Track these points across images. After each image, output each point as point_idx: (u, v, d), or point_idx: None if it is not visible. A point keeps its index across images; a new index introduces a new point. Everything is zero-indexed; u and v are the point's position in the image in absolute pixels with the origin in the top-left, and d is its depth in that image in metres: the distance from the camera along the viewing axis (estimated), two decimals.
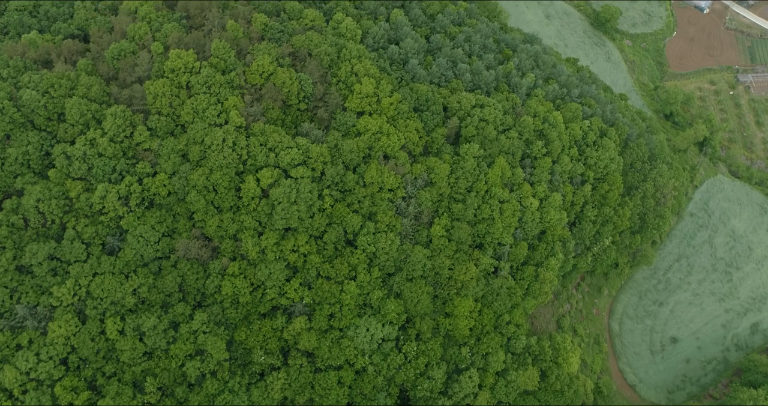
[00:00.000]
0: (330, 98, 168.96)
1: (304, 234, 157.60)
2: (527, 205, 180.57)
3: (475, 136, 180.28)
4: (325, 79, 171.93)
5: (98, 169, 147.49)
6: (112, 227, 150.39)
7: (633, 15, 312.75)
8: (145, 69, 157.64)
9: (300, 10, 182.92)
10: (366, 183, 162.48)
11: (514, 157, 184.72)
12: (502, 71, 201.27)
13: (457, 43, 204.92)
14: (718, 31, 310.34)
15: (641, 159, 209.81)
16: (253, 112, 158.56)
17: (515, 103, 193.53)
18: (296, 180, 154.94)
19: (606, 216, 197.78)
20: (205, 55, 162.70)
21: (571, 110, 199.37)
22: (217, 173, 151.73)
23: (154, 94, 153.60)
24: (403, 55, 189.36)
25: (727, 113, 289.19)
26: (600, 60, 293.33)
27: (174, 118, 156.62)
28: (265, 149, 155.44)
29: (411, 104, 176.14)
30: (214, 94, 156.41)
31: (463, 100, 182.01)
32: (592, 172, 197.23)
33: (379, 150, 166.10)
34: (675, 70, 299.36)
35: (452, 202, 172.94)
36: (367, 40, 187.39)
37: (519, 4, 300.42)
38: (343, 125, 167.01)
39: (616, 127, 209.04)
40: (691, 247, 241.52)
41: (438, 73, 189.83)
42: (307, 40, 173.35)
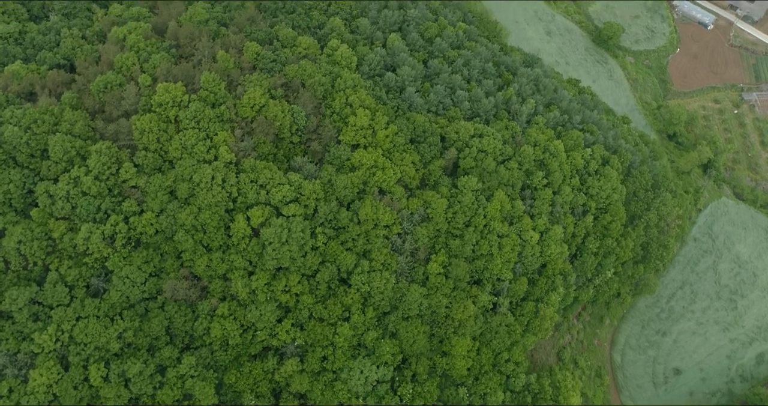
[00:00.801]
0: (324, 131, 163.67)
1: (296, 274, 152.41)
2: (527, 238, 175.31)
3: (473, 168, 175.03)
4: (318, 110, 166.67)
5: (82, 209, 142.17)
6: (96, 268, 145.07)
7: (636, 31, 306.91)
8: (132, 102, 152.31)
9: (294, 38, 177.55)
10: (360, 220, 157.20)
11: (514, 188, 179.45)
12: (502, 98, 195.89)
13: (456, 68, 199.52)
14: (722, 48, 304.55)
15: (644, 187, 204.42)
16: (244, 147, 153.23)
17: (515, 131, 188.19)
18: (288, 219, 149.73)
19: (608, 248, 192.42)
20: (195, 88, 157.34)
21: (572, 138, 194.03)
22: (205, 212, 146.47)
23: (140, 130, 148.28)
24: (399, 82, 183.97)
25: (732, 133, 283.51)
26: (602, 78, 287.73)
27: (162, 153, 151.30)
28: (255, 186, 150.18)
29: (407, 136, 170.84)
30: (203, 129, 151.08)
31: (461, 130, 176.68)
32: (594, 203, 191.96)
33: (374, 185, 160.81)
34: (678, 88, 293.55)
35: (450, 237, 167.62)
36: (362, 68, 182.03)
37: (520, 21, 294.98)
38: (337, 159, 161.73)
39: (618, 155, 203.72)
40: (695, 273, 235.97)
41: (436, 101, 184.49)
42: (300, 69, 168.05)
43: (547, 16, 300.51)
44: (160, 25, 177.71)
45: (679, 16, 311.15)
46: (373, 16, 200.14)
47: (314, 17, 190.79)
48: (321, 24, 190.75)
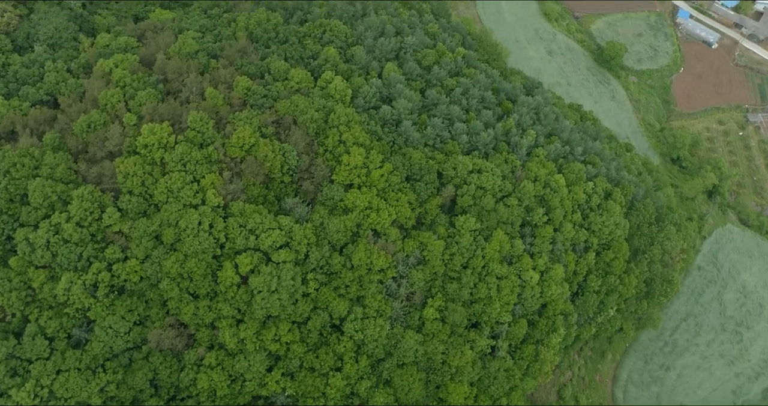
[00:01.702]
0: (316, 170, 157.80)
1: (286, 322, 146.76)
2: (527, 279, 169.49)
3: (471, 206, 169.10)
4: (311, 148, 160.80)
5: (63, 258, 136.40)
6: (78, 318, 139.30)
7: (638, 50, 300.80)
8: (116, 143, 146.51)
9: (286, 71, 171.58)
10: (354, 265, 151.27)
11: (513, 226, 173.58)
12: (502, 129, 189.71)
13: (454, 98, 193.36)
14: (727, 67, 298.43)
15: (648, 221, 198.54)
16: (233, 190, 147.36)
17: (515, 165, 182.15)
18: (278, 265, 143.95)
19: (611, 285, 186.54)
20: (182, 127, 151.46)
21: (574, 172, 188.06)
22: (191, 260, 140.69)
23: (124, 174, 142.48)
24: (396, 115, 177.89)
25: (737, 155, 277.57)
26: (604, 99, 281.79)
27: (147, 197, 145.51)
28: (244, 231, 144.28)
29: (403, 174, 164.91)
30: (190, 171, 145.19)
31: (459, 166, 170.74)
32: (596, 239, 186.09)
33: (368, 227, 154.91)
34: (682, 108, 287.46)
35: (447, 280, 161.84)
36: (357, 101, 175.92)
37: (520, 40, 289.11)
38: (330, 199, 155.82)
39: (621, 187, 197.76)
40: (699, 304, 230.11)
41: (433, 135, 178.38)
42: (292, 105, 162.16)
43: (548, 34, 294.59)
44: (149, 57, 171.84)
45: (683, 34, 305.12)
46: (369, 44, 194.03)
47: (308, 47, 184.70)
48: (315, 54, 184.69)
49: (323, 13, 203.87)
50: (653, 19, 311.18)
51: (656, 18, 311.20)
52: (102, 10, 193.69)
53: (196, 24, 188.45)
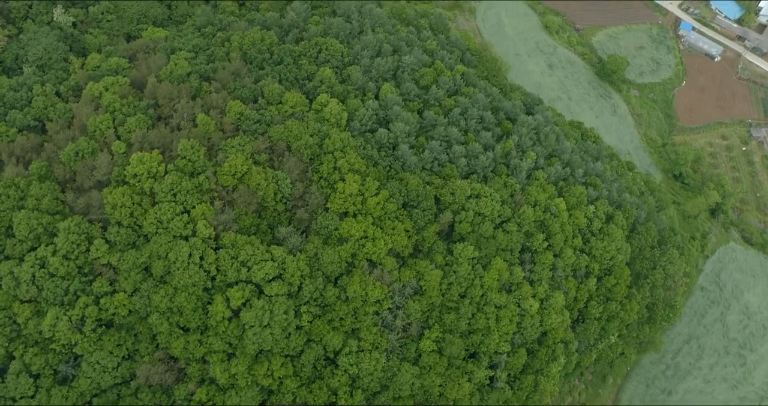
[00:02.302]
0: (310, 198, 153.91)
1: (279, 356, 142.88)
2: (526, 307, 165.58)
3: (470, 233, 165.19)
4: (305, 175, 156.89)
5: (49, 292, 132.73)
6: (65, 354, 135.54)
7: (640, 63, 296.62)
8: (104, 172, 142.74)
9: (280, 94, 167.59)
10: (348, 297, 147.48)
11: (513, 253, 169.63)
12: (501, 151, 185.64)
13: (453, 118, 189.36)
14: (730, 80, 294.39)
15: (650, 244, 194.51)
16: (224, 221, 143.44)
17: (514, 189, 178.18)
18: (270, 299, 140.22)
19: (612, 312, 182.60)
20: (172, 155, 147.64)
21: (575, 195, 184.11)
22: (181, 294, 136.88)
23: (112, 205, 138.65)
24: (393, 139, 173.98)
25: (740, 171, 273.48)
26: (606, 113, 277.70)
27: (136, 228, 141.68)
28: (236, 263, 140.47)
29: (400, 201, 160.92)
30: (180, 202, 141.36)
31: (457, 192, 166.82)
32: (597, 264, 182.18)
33: (363, 258, 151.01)
34: (684, 123, 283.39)
35: (444, 310, 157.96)
36: (353, 124, 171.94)
37: (521, 53, 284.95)
38: (325, 228, 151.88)
39: (623, 210, 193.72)
40: (702, 326, 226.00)
41: (431, 158, 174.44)
42: (286, 131, 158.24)
43: (548, 47, 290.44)
44: (140, 80, 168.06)
45: (685, 47, 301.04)
46: (365, 64, 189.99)
47: (303, 67, 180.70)
48: (310, 75, 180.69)
49: (319, 31, 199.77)
50: (655, 31, 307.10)
51: (658, 30, 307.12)
52: (93, 28, 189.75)
53: (189, 43, 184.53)
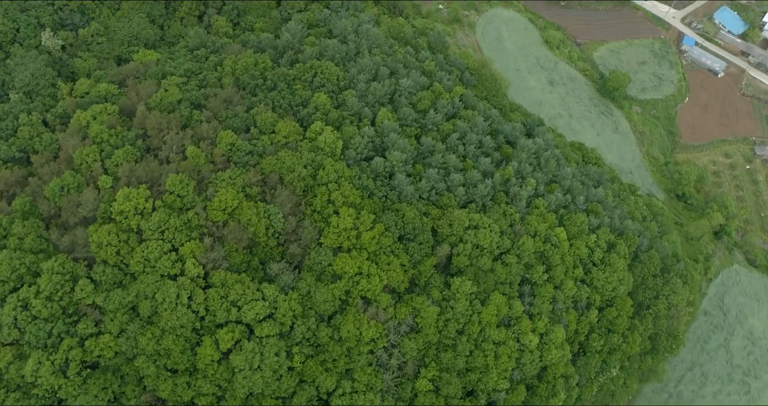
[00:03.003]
0: (303, 232, 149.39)
1: (270, 398, 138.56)
2: (526, 343, 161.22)
3: (468, 266, 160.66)
4: (298, 208, 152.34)
5: (31, 336, 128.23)
6: (48, 398, 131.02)
7: (642, 78, 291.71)
8: (90, 209, 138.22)
9: (273, 123, 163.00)
10: (342, 337, 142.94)
11: (512, 286, 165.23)
12: (500, 178, 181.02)
13: (451, 144, 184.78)
14: (733, 97, 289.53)
15: (653, 273, 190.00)
16: (214, 259, 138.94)
17: (514, 219, 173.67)
18: (261, 340, 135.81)
19: (614, 344, 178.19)
20: (160, 190, 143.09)
21: (575, 224, 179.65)
22: (169, 337, 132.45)
23: (98, 244, 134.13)
24: (389, 167, 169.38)
25: (743, 191, 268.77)
26: (607, 131, 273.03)
27: (122, 267, 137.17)
28: (226, 303, 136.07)
29: (396, 234, 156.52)
30: (168, 239, 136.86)
31: (455, 223, 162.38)
32: (598, 296, 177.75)
33: (357, 295, 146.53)
34: (687, 141, 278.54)
35: (441, 348, 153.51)
36: (348, 152, 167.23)
37: (521, 69, 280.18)
38: (318, 264, 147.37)
39: (625, 238, 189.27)
40: (705, 352, 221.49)
41: (428, 187, 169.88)
42: (278, 162, 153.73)
43: (549, 63, 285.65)
44: (129, 107, 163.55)
45: (688, 62, 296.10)
46: (361, 88, 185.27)
47: (297, 93, 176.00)
48: (304, 101, 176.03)
49: (315, 53, 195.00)
50: (657, 46, 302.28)
51: (661, 45, 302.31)
52: (83, 52, 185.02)
53: (180, 67, 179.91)
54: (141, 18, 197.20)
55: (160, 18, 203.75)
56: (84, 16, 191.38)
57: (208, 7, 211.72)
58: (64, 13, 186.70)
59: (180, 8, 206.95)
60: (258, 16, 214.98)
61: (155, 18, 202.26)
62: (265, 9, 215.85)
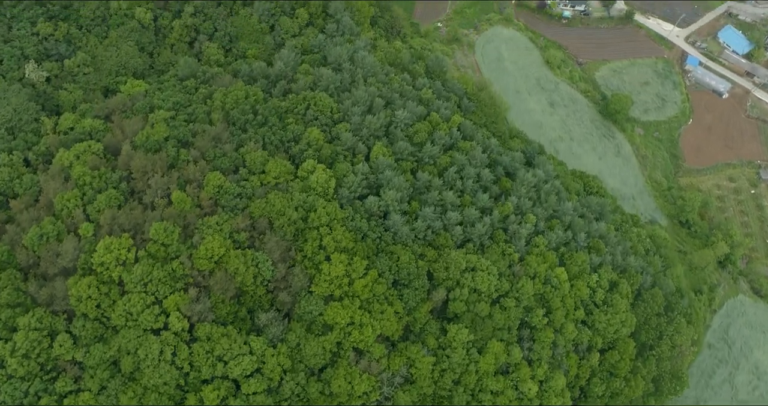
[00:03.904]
0: (293, 280, 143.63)
1: None
2: (525, 391, 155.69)
3: (465, 312, 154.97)
4: (288, 254, 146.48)
5: (6, 396, 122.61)
6: None
7: (645, 99, 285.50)
8: (70, 259, 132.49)
9: (263, 162, 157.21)
10: (333, 392, 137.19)
11: (510, 332, 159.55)
12: (499, 215, 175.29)
13: (448, 179, 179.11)
14: (738, 119, 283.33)
15: (656, 312, 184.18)
16: (199, 311, 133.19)
17: (512, 260, 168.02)
18: (248, 397, 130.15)
19: (616, 389, 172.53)
20: (144, 238, 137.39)
21: (577, 264, 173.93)
22: (151, 395, 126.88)
23: (77, 297, 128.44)
24: (383, 207, 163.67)
25: (748, 216, 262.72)
26: (609, 155, 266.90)
27: (103, 320, 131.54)
28: (212, 358, 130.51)
29: (390, 279, 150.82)
30: (151, 292, 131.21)
31: (451, 266, 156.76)
32: (600, 338, 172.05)
33: (349, 347, 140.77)
34: (691, 164, 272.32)
35: (436, 399, 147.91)
36: (341, 191, 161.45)
37: (521, 91, 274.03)
38: (308, 314, 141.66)
39: (627, 277, 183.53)
40: (710, 388, 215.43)
41: (424, 227, 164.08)
42: (268, 206, 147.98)
43: (550, 84, 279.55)
44: (114, 145, 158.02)
45: (692, 82, 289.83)
46: (356, 121, 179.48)
47: (289, 128, 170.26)
48: (296, 136, 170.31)
49: (308, 83, 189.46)
50: (660, 65, 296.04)
51: (664, 65, 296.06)
52: (68, 83, 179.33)
53: (169, 100, 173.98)
54: (129, 46, 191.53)
55: (150, 45, 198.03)
56: (70, 45, 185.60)
57: (199, 32, 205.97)
58: (49, 43, 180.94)
59: (170, 35, 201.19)
60: (251, 41, 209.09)
61: (144, 45, 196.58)
62: (258, 34, 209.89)
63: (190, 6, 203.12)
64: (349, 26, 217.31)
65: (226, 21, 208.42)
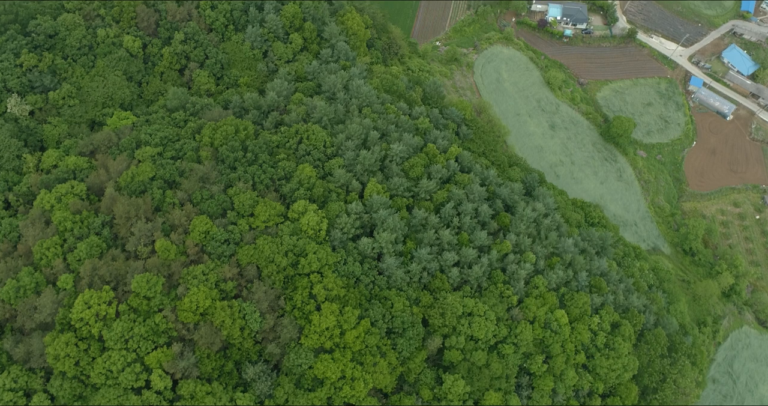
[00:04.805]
0: (282, 331, 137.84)
1: None
2: None
3: (461, 361, 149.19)
4: (277, 303, 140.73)
5: None
6: None
7: (647, 121, 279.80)
8: (48, 313, 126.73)
9: (252, 205, 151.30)
10: None
11: (509, 380, 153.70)
12: (497, 254, 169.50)
13: (445, 215, 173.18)
14: (743, 142, 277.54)
15: (660, 354, 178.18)
16: (183, 367, 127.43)
17: (511, 303, 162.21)
18: None
19: None
20: (126, 290, 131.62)
21: (578, 306, 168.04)
22: None
23: (55, 356, 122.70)
24: (377, 248, 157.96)
25: (753, 242, 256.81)
26: (611, 179, 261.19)
27: (82, 378, 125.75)
28: None
29: (383, 328, 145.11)
30: (132, 349, 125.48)
31: (447, 313, 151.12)
32: (601, 383, 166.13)
33: (341, 402, 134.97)
34: (694, 188, 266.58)
35: None
36: (334, 233, 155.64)
37: (521, 113, 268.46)
38: (297, 367, 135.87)
39: (629, 316, 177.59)
40: None
41: (419, 270, 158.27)
42: (256, 253, 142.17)
43: (551, 106, 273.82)
44: (98, 186, 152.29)
45: (696, 103, 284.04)
46: (349, 157, 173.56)
47: (280, 166, 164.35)
48: (288, 174, 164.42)
49: (301, 114, 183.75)
50: (664, 86, 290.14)
51: (667, 85, 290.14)
52: (52, 117, 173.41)
53: (156, 135, 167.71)
54: (117, 76, 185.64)
55: (138, 74, 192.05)
56: (55, 76, 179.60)
57: (189, 60, 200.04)
58: (33, 75, 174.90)
59: (159, 63, 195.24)
60: (243, 68, 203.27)
61: (133, 74, 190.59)
62: (250, 61, 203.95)
63: (181, 33, 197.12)
64: (345, 51, 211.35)
65: (217, 47, 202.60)
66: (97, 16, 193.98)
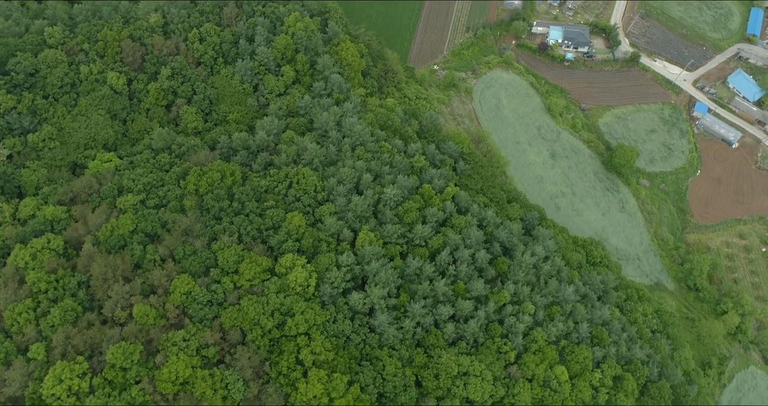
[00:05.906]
0: (267, 400, 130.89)
1: None
2: None
3: None
4: (262, 369, 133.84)
5: None
6: None
7: (651, 148, 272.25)
8: (18, 387, 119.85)
9: (237, 261, 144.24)
10: None
11: None
12: (494, 306, 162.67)
13: (440, 263, 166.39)
14: (749, 171, 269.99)
15: None
16: None
17: (508, 360, 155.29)
18: None
19: None
20: (101, 360, 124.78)
21: (578, 361, 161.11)
22: None
23: None
24: (369, 303, 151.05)
25: (759, 276, 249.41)
26: (613, 210, 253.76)
27: None
28: None
29: (374, 393, 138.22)
30: None
31: (441, 374, 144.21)
32: None
33: None
34: (699, 219, 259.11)
35: None
36: (323, 288, 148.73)
37: (521, 142, 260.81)
38: None
39: (632, 369, 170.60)
40: None
41: (412, 326, 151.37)
42: (240, 315, 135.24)
43: (551, 133, 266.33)
44: (76, 239, 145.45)
45: (700, 130, 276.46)
46: (341, 203, 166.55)
47: (268, 215, 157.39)
48: (276, 223, 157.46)
49: (292, 155, 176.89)
50: (667, 112, 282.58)
51: (671, 111, 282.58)
52: (31, 161, 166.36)
53: (140, 181, 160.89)
54: (100, 115, 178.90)
55: (123, 111, 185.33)
56: (35, 117, 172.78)
57: (177, 95, 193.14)
58: (11, 117, 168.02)
59: (145, 99, 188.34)
60: (232, 103, 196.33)
61: (117, 112, 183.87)
62: (240, 96, 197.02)
63: (168, 67, 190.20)
64: (338, 84, 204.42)
65: (205, 82, 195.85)
66: (81, 51, 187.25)
